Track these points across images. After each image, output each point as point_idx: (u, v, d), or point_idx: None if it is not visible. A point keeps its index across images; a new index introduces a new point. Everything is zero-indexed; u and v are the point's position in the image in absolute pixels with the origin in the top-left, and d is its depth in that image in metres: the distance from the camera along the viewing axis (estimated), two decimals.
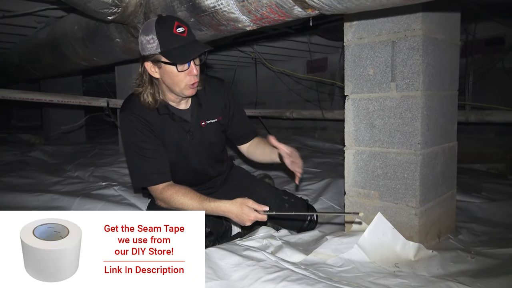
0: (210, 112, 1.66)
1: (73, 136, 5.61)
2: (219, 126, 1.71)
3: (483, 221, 2.06)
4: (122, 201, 2.39)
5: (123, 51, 2.48)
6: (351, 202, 1.79)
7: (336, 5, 1.22)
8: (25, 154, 4.18)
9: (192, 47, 1.41)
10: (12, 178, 3.03)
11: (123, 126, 1.57)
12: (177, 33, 1.38)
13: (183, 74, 1.43)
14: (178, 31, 1.39)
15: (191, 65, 1.43)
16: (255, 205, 1.39)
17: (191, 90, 1.50)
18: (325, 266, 1.43)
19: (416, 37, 1.55)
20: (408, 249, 1.50)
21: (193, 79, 1.46)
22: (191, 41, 1.42)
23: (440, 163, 1.73)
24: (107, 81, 6.98)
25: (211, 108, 1.66)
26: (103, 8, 1.89)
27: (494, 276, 1.33)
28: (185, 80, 1.45)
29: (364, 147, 1.73)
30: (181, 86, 1.47)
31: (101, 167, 3.37)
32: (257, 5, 1.41)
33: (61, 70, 3.65)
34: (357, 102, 1.74)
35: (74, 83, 5.66)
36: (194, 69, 1.44)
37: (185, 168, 1.68)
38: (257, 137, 1.85)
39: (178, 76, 1.44)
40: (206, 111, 1.65)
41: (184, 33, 1.40)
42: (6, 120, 8.54)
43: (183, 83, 1.46)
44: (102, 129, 7.52)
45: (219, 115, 1.69)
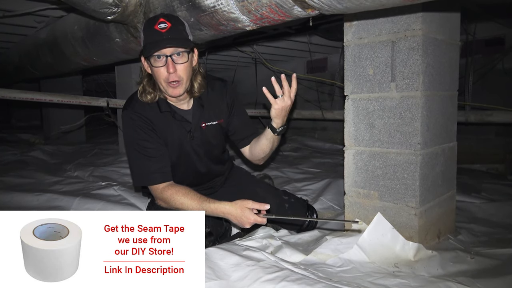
0: (212, 114, 1.66)
1: (73, 136, 5.61)
2: (220, 129, 1.71)
3: (483, 221, 2.06)
4: (122, 201, 2.39)
5: (123, 51, 2.47)
6: (350, 202, 1.79)
7: (336, 5, 1.22)
8: (24, 154, 4.18)
9: (164, 42, 1.41)
10: (11, 178, 3.04)
11: (125, 124, 1.57)
12: (157, 29, 1.41)
13: (162, 69, 1.44)
14: (159, 27, 1.41)
15: (168, 61, 1.43)
16: (255, 204, 1.39)
17: (172, 89, 1.48)
18: (324, 266, 1.43)
19: (416, 37, 1.55)
20: (408, 249, 1.50)
21: (169, 76, 1.44)
22: (168, 37, 1.41)
23: (440, 163, 1.73)
24: (107, 81, 6.98)
25: (213, 110, 1.66)
26: (103, 7, 1.89)
27: (494, 276, 1.34)
28: (163, 77, 1.45)
29: (364, 147, 1.73)
30: (163, 84, 1.47)
31: (100, 167, 3.37)
32: (257, 5, 1.41)
33: (61, 70, 3.65)
34: (357, 102, 1.74)
35: (74, 83, 5.66)
36: (170, 66, 1.43)
37: (185, 168, 1.69)
38: None
39: (158, 72, 1.45)
40: (208, 113, 1.65)
41: (164, 29, 1.41)
42: (6, 120, 8.54)
43: (162, 80, 1.46)
44: (102, 129, 7.52)
45: (221, 118, 1.69)
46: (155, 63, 1.44)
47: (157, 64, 1.44)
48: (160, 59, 1.43)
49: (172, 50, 1.42)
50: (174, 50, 1.43)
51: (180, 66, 1.45)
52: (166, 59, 1.42)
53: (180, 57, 1.44)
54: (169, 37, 1.41)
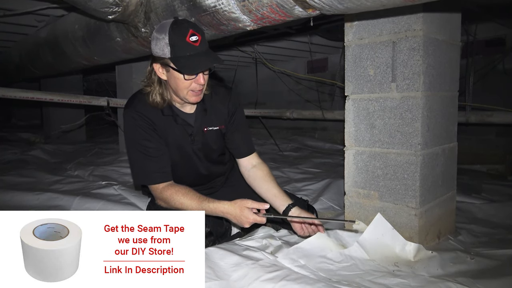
0: (214, 120, 1.65)
1: (73, 135, 5.62)
2: (221, 134, 1.70)
3: (483, 222, 2.06)
4: (122, 200, 2.39)
5: (123, 51, 2.47)
6: (351, 202, 1.79)
7: (337, 5, 1.22)
8: (25, 153, 4.19)
9: (203, 58, 1.39)
10: (12, 177, 3.04)
11: (126, 123, 1.57)
12: (190, 42, 1.36)
13: (189, 81, 1.43)
14: (191, 39, 1.36)
15: (199, 74, 1.42)
16: (255, 204, 1.39)
17: (195, 98, 1.49)
18: (325, 260, 1.41)
19: (416, 37, 1.55)
20: (408, 249, 1.50)
21: (198, 87, 1.45)
22: (203, 51, 1.39)
23: (440, 164, 1.73)
24: (108, 80, 6.99)
25: (215, 115, 1.65)
26: (104, 7, 1.89)
27: (494, 277, 1.33)
28: (190, 87, 1.44)
29: (364, 147, 1.73)
30: (185, 92, 1.46)
31: (101, 166, 3.38)
32: (257, 5, 1.41)
33: (62, 69, 3.65)
34: (357, 103, 1.74)
35: (75, 82, 5.67)
36: (201, 79, 1.43)
37: (186, 169, 1.69)
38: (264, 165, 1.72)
39: (184, 83, 1.43)
40: (210, 118, 1.64)
41: (197, 42, 1.37)
42: (6, 119, 8.55)
43: (188, 90, 1.45)
44: (102, 128, 7.53)
45: (222, 124, 1.68)
46: (188, 77, 1.41)
47: (191, 77, 1.42)
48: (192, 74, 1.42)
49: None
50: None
51: (206, 76, 1.47)
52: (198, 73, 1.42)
53: None
54: (204, 50, 1.40)
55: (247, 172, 1.71)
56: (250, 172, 1.70)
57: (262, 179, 1.66)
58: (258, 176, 1.68)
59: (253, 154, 1.73)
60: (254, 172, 1.69)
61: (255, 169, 1.69)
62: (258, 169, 1.69)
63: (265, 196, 1.63)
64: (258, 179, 1.67)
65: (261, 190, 1.65)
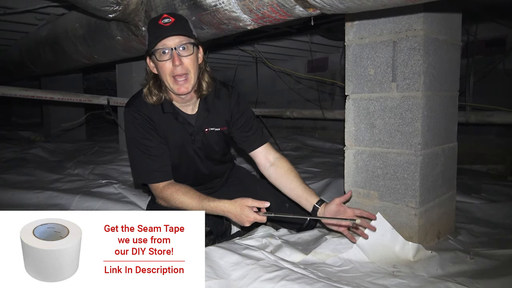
0: (215, 121, 1.65)
1: (73, 134, 5.61)
2: (223, 136, 1.70)
3: (483, 222, 2.06)
4: (122, 199, 2.39)
5: (124, 49, 2.47)
6: (350, 202, 1.79)
7: (338, 4, 1.22)
8: (25, 151, 4.19)
9: (168, 30, 1.39)
10: (12, 175, 3.04)
11: (127, 122, 1.57)
12: (161, 23, 1.39)
13: (167, 63, 1.42)
14: (163, 22, 1.39)
15: (173, 54, 1.41)
16: (255, 202, 1.39)
17: (178, 86, 1.45)
18: (324, 265, 1.43)
19: (417, 37, 1.54)
20: (407, 249, 1.50)
21: (178, 70, 1.42)
22: (172, 29, 1.40)
23: (440, 163, 1.73)
24: (108, 79, 6.97)
25: (217, 116, 1.65)
26: (104, 5, 1.89)
27: (493, 277, 1.34)
28: (168, 71, 1.43)
29: (364, 147, 1.73)
30: (170, 80, 1.45)
31: (101, 165, 3.37)
32: (258, 4, 1.41)
33: (62, 68, 3.64)
34: (357, 102, 1.74)
35: (75, 80, 5.67)
36: (176, 58, 1.41)
37: (187, 169, 1.69)
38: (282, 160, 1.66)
39: (163, 66, 1.43)
40: (212, 119, 1.64)
41: (168, 23, 1.39)
42: (6, 117, 8.55)
43: (168, 75, 1.44)
44: (102, 127, 7.52)
45: (224, 125, 1.67)
46: (160, 57, 1.42)
47: (162, 58, 1.42)
48: (165, 53, 1.41)
49: (177, 42, 1.41)
50: (179, 42, 1.41)
51: (185, 58, 1.44)
52: (171, 52, 1.41)
53: (185, 50, 1.43)
54: (174, 28, 1.40)
55: (266, 171, 1.66)
56: (270, 171, 1.65)
57: (283, 178, 1.62)
58: (279, 175, 1.63)
59: (267, 146, 1.68)
60: (274, 171, 1.64)
61: (274, 168, 1.64)
62: (278, 166, 1.64)
63: (290, 197, 1.62)
64: (280, 177, 1.62)
65: (285, 190, 1.63)
